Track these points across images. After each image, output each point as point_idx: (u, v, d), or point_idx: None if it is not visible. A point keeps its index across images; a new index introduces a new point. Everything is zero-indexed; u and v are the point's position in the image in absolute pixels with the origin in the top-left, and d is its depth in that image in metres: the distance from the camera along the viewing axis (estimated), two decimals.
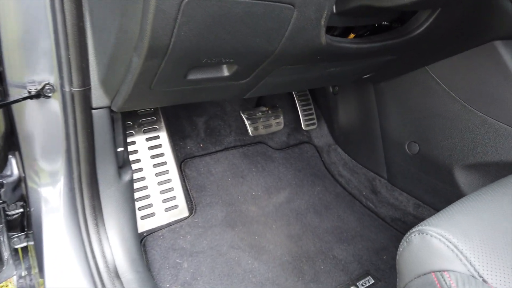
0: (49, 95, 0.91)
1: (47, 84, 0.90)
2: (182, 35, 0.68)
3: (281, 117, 1.59)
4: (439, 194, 1.31)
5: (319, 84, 1.33)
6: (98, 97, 0.89)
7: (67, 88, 0.84)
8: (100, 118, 0.92)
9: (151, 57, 0.71)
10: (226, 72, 0.88)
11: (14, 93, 0.92)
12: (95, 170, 0.96)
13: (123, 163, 1.07)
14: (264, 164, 1.58)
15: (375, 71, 1.23)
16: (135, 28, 0.66)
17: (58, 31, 0.78)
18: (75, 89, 0.84)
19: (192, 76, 0.84)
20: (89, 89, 0.87)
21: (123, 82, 0.80)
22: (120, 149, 1.03)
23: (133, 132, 1.31)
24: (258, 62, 0.86)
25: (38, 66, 0.89)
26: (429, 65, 1.21)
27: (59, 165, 0.97)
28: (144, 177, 1.31)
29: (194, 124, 1.58)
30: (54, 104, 0.92)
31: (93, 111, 0.91)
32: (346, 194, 1.57)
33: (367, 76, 1.28)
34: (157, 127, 1.36)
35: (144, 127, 1.34)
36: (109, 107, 0.92)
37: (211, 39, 0.71)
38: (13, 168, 1.04)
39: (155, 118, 1.36)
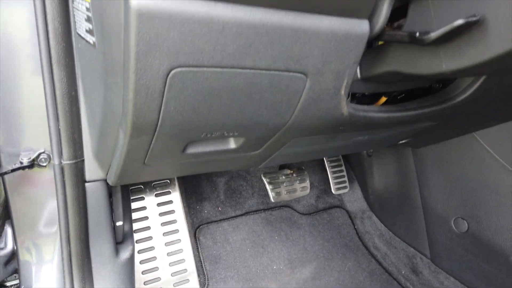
0: (44, 164, 0.83)
1: (42, 153, 0.83)
2: (172, 111, 0.58)
3: (307, 181, 1.44)
4: (493, 283, 1.09)
5: (347, 152, 1.19)
6: (92, 170, 0.80)
7: (56, 161, 0.76)
8: (94, 192, 0.83)
9: (137, 134, 0.61)
10: (232, 145, 0.76)
11: (8, 161, 0.85)
12: (88, 249, 0.86)
13: (123, 238, 0.96)
14: (288, 232, 1.43)
15: (413, 137, 1.07)
16: (118, 103, 0.57)
17: (47, 101, 0.71)
18: (66, 161, 0.76)
19: (192, 150, 0.73)
20: (82, 161, 0.79)
21: (114, 157, 0.71)
22: (119, 223, 0.93)
23: (144, 196, 1.22)
24: (269, 135, 0.74)
25: (32, 133, 0.82)
26: (478, 131, 1.04)
27: (52, 241, 0.88)
28: (153, 246, 1.19)
29: (214, 185, 1.47)
30: (49, 174, 0.84)
31: (87, 184, 0.82)
32: (382, 272, 1.37)
33: (404, 141, 1.12)
34: (171, 190, 1.26)
35: (156, 191, 1.24)
36: (104, 180, 0.83)
37: (207, 113, 0.61)
38: (8, 239, 0.96)
39: (168, 181, 1.27)
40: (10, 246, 0.96)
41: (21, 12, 0.70)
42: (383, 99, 0.89)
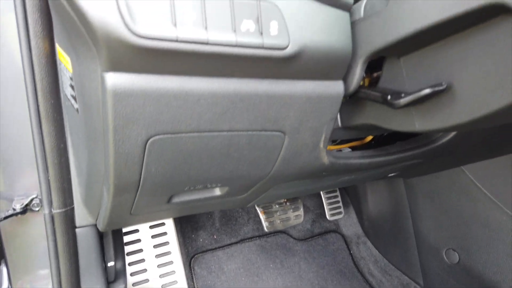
0: (37, 209, 0.86)
1: (35, 198, 0.85)
2: (153, 172, 0.60)
3: (301, 209, 1.45)
4: None
5: (335, 187, 1.20)
6: (82, 216, 0.82)
7: (46, 211, 0.78)
8: (85, 236, 0.85)
9: (120, 193, 0.63)
10: (217, 192, 0.78)
11: (1, 206, 0.88)
12: None
13: (115, 277, 0.98)
14: (283, 259, 1.44)
15: (400, 172, 1.08)
16: (101, 165, 0.59)
17: (36, 154, 0.73)
18: (56, 210, 0.78)
19: (177, 200, 0.75)
20: (72, 208, 0.81)
21: (101, 208, 0.73)
22: (111, 263, 0.94)
23: (139, 229, 1.24)
24: (251, 184, 0.76)
25: (25, 179, 0.85)
26: (465, 165, 1.05)
27: (46, 282, 0.90)
28: (147, 279, 1.21)
29: (209, 212, 1.48)
30: (41, 217, 0.86)
31: (77, 229, 0.84)
32: None
33: (392, 175, 1.13)
34: (165, 222, 1.28)
35: (150, 223, 1.26)
36: (95, 225, 0.85)
37: (188, 171, 0.63)
38: (3, 278, 0.99)
39: None
40: (5, 285, 0.98)
41: (12, 70, 0.73)
42: (370, 137, 0.91)
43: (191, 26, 0.45)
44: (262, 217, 1.38)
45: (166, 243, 1.26)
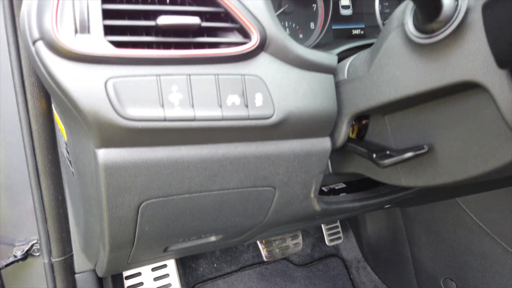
0: (37, 254, 0.87)
1: (35, 243, 0.87)
2: (146, 231, 0.62)
3: (300, 237, 1.46)
4: None
5: (331, 223, 1.21)
6: (81, 262, 0.84)
7: (46, 259, 0.80)
8: (84, 281, 0.86)
9: (116, 250, 0.64)
10: (213, 239, 0.80)
11: (3, 251, 0.90)
12: None
13: None
14: (283, 286, 1.44)
15: (396, 204, 1.10)
16: (97, 225, 0.61)
17: (35, 206, 0.76)
18: (55, 259, 0.80)
19: (174, 248, 0.77)
20: (71, 256, 0.82)
21: (98, 259, 0.75)
22: None
23: None
24: (245, 231, 0.77)
25: (25, 224, 0.87)
26: (460, 197, 1.06)
27: None
28: None
29: None
30: (42, 262, 0.88)
31: (77, 275, 0.85)
32: None
33: (388, 206, 1.14)
34: None
35: None
36: (94, 270, 0.87)
37: (182, 227, 0.65)
38: None
39: None
40: None
41: (11, 126, 0.75)
42: None
43: (178, 105, 0.47)
44: (260, 246, 1.39)
45: (166, 275, 1.27)
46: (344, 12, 0.80)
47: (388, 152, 0.58)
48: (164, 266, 1.28)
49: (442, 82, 0.46)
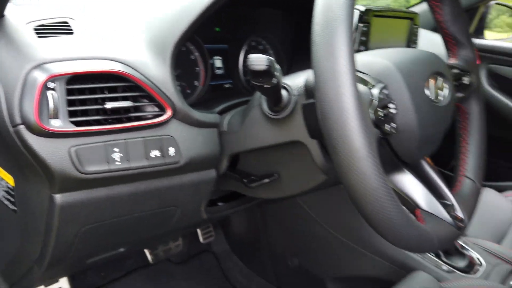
0: None
1: None
2: (79, 248, 0.80)
3: (180, 238, 1.72)
4: None
5: None
6: None
7: None
8: None
9: (50, 268, 0.81)
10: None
11: None
12: None
13: None
14: (166, 284, 1.68)
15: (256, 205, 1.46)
16: (35, 249, 0.77)
17: None
18: None
19: (93, 259, 0.94)
20: None
21: (26, 276, 0.87)
22: None
23: None
24: (153, 239, 1.00)
25: None
26: (298, 197, 1.47)
27: None
28: None
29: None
30: None
31: None
32: None
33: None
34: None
35: None
36: None
37: (107, 243, 0.85)
38: None
39: None
40: None
41: None
42: None
43: (118, 161, 0.69)
44: (147, 251, 1.60)
45: None
46: (218, 71, 1.10)
47: (253, 177, 0.90)
48: (56, 280, 1.38)
49: (283, 140, 0.79)
